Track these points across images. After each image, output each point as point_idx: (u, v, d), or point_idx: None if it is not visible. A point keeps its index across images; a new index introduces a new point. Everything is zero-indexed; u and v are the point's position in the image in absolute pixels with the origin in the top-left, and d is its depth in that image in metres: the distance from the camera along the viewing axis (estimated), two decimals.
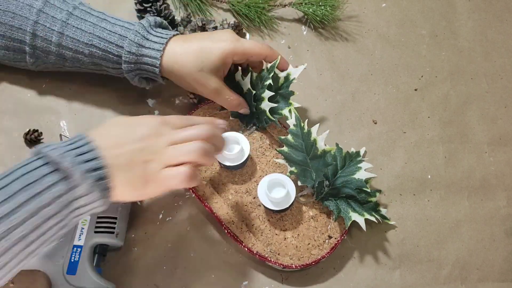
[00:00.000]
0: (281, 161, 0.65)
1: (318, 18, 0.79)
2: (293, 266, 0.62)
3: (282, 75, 0.68)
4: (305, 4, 0.79)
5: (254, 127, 0.70)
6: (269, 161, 0.68)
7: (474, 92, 0.77)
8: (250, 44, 0.65)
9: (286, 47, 0.78)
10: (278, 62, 0.67)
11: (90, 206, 0.49)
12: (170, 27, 0.69)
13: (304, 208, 0.65)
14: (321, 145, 0.65)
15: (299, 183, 0.64)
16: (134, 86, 0.73)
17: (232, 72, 0.68)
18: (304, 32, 0.80)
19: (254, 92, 0.67)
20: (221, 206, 0.64)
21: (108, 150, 0.49)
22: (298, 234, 0.64)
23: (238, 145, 0.64)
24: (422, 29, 0.81)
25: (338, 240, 0.64)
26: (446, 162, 0.72)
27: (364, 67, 0.78)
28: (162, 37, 0.64)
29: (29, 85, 0.73)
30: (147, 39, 0.63)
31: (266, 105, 0.67)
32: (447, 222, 0.68)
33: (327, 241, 0.64)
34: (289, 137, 0.65)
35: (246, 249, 0.62)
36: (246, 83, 0.67)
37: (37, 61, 0.68)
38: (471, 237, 0.67)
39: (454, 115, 0.75)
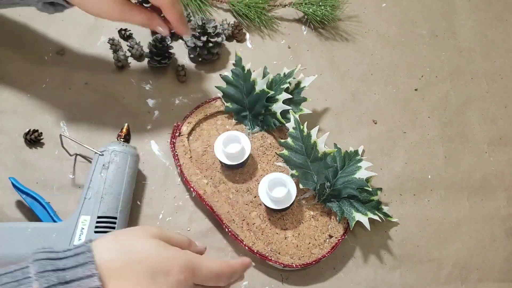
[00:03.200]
0: (282, 164, 0.65)
1: (318, 18, 0.79)
2: (294, 265, 0.61)
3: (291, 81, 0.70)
4: (305, 4, 0.79)
5: (257, 128, 0.70)
6: (270, 160, 0.68)
7: (474, 92, 0.77)
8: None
9: (286, 47, 0.78)
10: (297, 69, 0.70)
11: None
12: None
13: (304, 207, 0.65)
14: (321, 147, 0.65)
15: (301, 186, 0.64)
16: (134, 87, 0.73)
17: (249, 72, 0.69)
18: (304, 32, 0.80)
19: (271, 92, 0.68)
20: (221, 205, 0.64)
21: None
22: (299, 233, 0.64)
23: (239, 144, 0.64)
24: (422, 29, 0.81)
25: (339, 239, 0.63)
26: (446, 162, 0.72)
27: (364, 67, 0.78)
28: None
29: (29, 85, 0.72)
30: None
31: (279, 107, 0.67)
32: (447, 222, 0.68)
33: (327, 240, 0.64)
34: (289, 140, 0.65)
35: (247, 248, 0.62)
36: (262, 84, 0.68)
37: None
38: (471, 237, 0.67)
39: (454, 115, 0.75)
